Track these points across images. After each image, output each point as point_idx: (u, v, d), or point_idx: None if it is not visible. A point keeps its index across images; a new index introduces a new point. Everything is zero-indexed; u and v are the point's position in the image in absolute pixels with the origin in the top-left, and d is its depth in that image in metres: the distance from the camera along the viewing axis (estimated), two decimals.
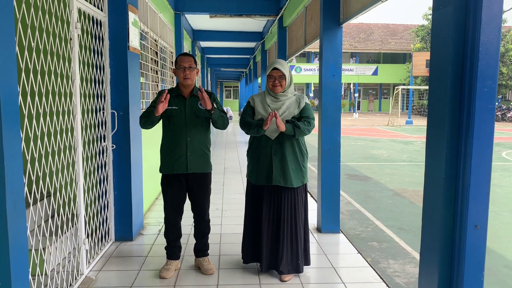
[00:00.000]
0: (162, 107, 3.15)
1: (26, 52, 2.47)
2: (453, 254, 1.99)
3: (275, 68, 3.27)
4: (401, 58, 39.49)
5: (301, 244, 3.40)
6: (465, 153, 1.92)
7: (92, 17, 3.75)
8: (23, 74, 2.40)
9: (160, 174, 3.51)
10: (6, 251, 1.94)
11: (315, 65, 37.58)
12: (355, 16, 4.07)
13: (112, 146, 4.12)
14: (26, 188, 2.30)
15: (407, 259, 4.29)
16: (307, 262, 3.51)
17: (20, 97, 2.28)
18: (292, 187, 3.30)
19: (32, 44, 2.58)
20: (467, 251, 1.92)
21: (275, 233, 3.39)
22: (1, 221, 1.92)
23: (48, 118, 2.81)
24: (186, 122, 3.34)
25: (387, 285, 3.36)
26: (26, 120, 2.47)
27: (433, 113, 2.09)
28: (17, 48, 2.19)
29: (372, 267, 3.68)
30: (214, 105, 3.30)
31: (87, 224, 3.62)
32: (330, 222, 4.56)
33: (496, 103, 30.98)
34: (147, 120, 3.29)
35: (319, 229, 4.59)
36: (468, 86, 1.89)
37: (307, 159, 3.45)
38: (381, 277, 3.48)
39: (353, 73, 37.64)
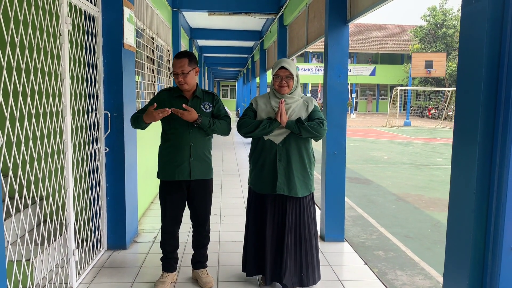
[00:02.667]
0: (153, 119, 2.92)
1: (8, 48, 2.24)
2: (484, 280, 1.78)
3: (282, 67, 3.03)
4: (399, 59, 39.37)
5: (306, 256, 3.16)
6: (500, 165, 1.71)
7: (84, 11, 3.51)
8: (4, 72, 2.16)
9: (157, 179, 3.27)
10: None
11: (313, 65, 37.41)
12: (363, 14, 3.86)
13: (105, 149, 3.88)
14: (7, 197, 2.08)
15: (416, 270, 4.08)
16: (318, 276, 3.24)
17: (0, 97, 2.05)
18: (296, 196, 3.08)
19: (16, 39, 2.34)
20: (502, 276, 1.71)
21: (279, 244, 3.16)
22: None
23: (33, 120, 2.57)
24: (189, 125, 3.07)
25: None
26: (7, 122, 2.24)
27: (462, 119, 1.87)
28: None
29: (380, 280, 3.47)
30: (199, 119, 3.00)
31: (77, 233, 3.38)
32: (334, 230, 4.34)
33: None
34: (137, 126, 3.10)
35: (322, 238, 4.37)
36: (505, 89, 1.67)
37: (314, 166, 3.21)
38: None
39: (351, 74, 37.45)
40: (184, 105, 2.95)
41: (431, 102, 32.57)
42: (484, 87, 1.72)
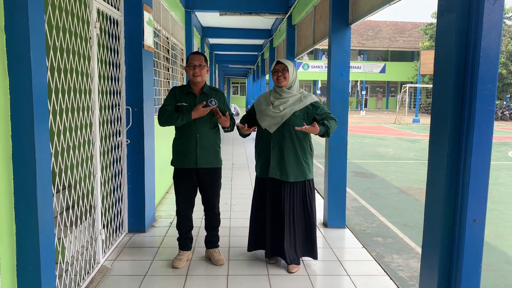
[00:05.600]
0: (202, 113, 3.38)
1: (51, 52, 2.62)
2: (453, 248, 2.12)
3: (278, 62, 3.46)
4: (409, 56, 39.37)
5: (300, 238, 3.53)
6: (465, 151, 2.05)
7: (109, 16, 3.90)
8: (48, 72, 2.55)
9: (171, 168, 3.68)
10: (36, 238, 2.09)
11: (322, 62, 37.58)
12: (363, 17, 4.18)
13: (127, 141, 4.27)
14: None
15: (411, 254, 4.42)
16: (313, 256, 3.62)
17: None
18: (287, 181, 3.44)
19: (56, 43, 2.73)
20: (466, 244, 2.05)
21: (278, 223, 3.53)
22: (32, 209, 2.08)
23: (70, 113, 2.96)
24: (196, 119, 3.46)
25: (391, 278, 3.48)
26: (50, 115, 2.62)
27: (436, 113, 2.21)
28: None
29: (376, 261, 3.81)
30: (230, 123, 3.51)
31: (103, 216, 3.78)
32: (336, 218, 4.69)
33: (504, 102, 30.87)
34: (169, 123, 3.45)
35: (325, 224, 4.73)
36: (469, 89, 2.01)
37: (311, 156, 3.56)
38: (385, 271, 3.61)
39: (361, 71, 37.60)
40: (226, 113, 3.45)
41: None
42: (452, 88, 2.06)
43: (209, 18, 10.53)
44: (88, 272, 3.34)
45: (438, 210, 2.17)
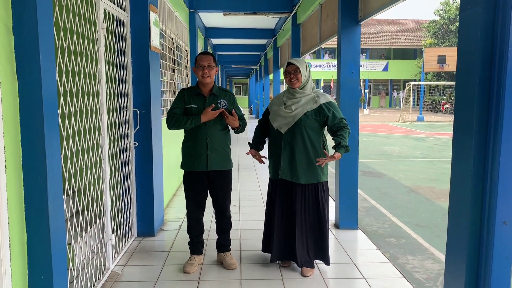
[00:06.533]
0: (211, 117, 3.31)
1: (59, 54, 2.55)
2: (481, 251, 2.03)
3: (290, 64, 3.36)
4: (412, 54, 39.19)
5: (311, 241, 3.44)
6: (493, 149, 1.96)
7: (115, 17, 3.83)
8: (56, 75, 2.48)
9: (179, 170, 3.60)
10: (48, 246, 2.02)
11: (325, 61, 37.49)
12: (374, 14, 4.10)
13: (135, 144, 4.20)
14: None
15: (426, 255, 4.33)
16: (325, 261, 3.49)
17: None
18: (298, 182, 3.35)
19: (64, 45, 2.66)
20: (495, 247, 1.96)
21: (288, 226, 3.46)
22: (43, 216, 2.01)
23: (78, 117, 2.89)
24: (205, 122, 3.38)
25: (408, 280, 3.40)
26: (59, 119, 2.55)
27: (460, 110, 2.12)
28: None
29: (392, 263, 3.73)
30: (240, 123, 3.44)
31: (112, 220, 3.70)
32: (348, 219, 4.61)
33: None
34: (178, 127, 3.38)
35: (337, 226, 4.64)
36: (497, 84, 1.92)
37: (325, 157, 3.46)
38: (401, 273, 3.52)
39: (364, 69, 37.39)
40: (233, 111, 3.38)
41: (445, 97, 32.42)
42: (478, 83, 1.97)
43: (212, 19, 10.46)
44: (98, 279, 3.27)
45: (464, 212, 2.09)
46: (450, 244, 2.23)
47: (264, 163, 3.60)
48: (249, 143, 3.70)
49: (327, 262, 3.49)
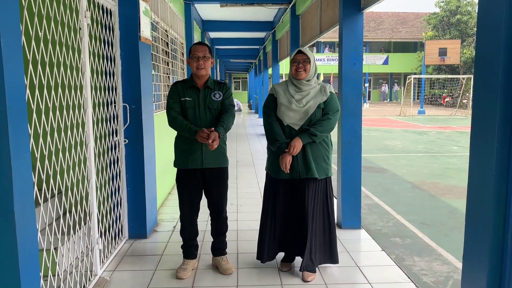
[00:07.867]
0: (205, 141, 3.02)
1: (33, 43, 2.31)
2: (504, 260, 1.80)
3: (300, 52, 3.12)
4: (412, 47, 38.82)
5: (318, 242, 3.23)
6: None
7: (102, 5, 3.57)
8: (30, 66, 2.23)
9: (173, 168, 3.36)
10: (15, 254, 1.78)
11: (325, 55, 37.15)
12: (378, 1, 3.84)
13: (125, 141, 3.96)
14: (35, 187, 2.15)
15: (433, 256, 4.10)
16: (332, 261, 3.34)
17: (27, 91, 2.12)
18: (314, 177, 3.10)
19: (40, 33, 2.41)
20: None
21: (295, 226, 3.24)
22: (9, 223, 1.77)
23: (57, 112, 2.65)
24: (200, 114, 3.19)
25: (416, 285, 3.18)
26: (34, 115, 2.31)
27: (480, 103, 1.88)
28: (23, 38, 2.02)
29: (398, 266, 3.51)
30: (220, 134, 3.07)
31: (100, 223, 3.47)
32: (351, 218, 4.38)
33: None
34: (177, 130, 3.21)
35: (339, 225, 4.41)
36: None
37: (331, 151, 3.25)
38: (408, 276, 3.30)
39: (363, 63, 37.02)
40: (209, 141, 2.98)
41: (446, 90, 32.12)
42: (502, 74, 1.73)
43: (209, 11, 10.18)
44: (84, 286, 3.04)
45: (485, 217, 1.85)
46: (468, 251, 1.99)
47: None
48: (278, 145, 3.12)
49: (335, 261, 3.32)
